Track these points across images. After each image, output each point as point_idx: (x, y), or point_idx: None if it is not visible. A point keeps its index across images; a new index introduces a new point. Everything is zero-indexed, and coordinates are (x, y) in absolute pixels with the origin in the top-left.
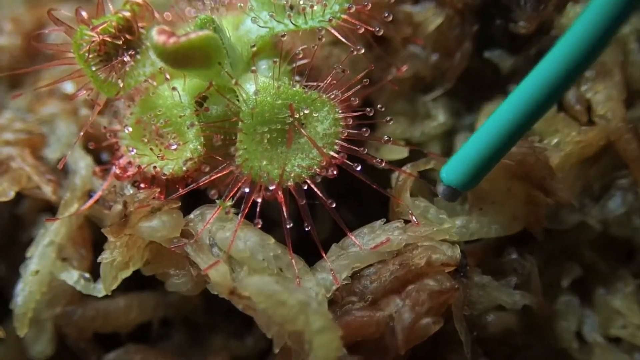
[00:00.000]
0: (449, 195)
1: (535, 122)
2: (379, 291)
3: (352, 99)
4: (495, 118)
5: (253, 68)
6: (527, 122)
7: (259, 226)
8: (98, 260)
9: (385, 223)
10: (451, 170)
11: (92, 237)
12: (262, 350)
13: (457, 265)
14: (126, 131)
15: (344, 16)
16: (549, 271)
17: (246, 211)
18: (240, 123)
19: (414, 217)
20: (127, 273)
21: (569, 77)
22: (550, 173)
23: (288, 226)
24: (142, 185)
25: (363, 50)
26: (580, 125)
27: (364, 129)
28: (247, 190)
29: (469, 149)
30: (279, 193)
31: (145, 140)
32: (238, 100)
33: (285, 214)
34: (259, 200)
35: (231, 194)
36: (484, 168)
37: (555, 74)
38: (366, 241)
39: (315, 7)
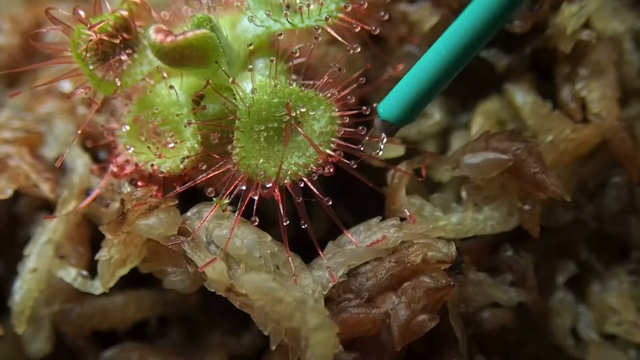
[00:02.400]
0: (385, 130)
1: (470, 58)
2: (375, 288)
3: (349, 97)
4: (430, 53)
5: (250, 67)
6: (462, 57)
7: (256, 224)
8: (95, 258)
9: (381, 221)
10: (388, 105)
11: (89, 235)
12: (259, 347)
13: (452, 263)
14: (123, 129)
15: (340, 15)
16: (544, 268)
17: (243, 209)
18: (237, 121)
19: (409, 214)
20: (124, 271)
21: (504, 11)
22: (542, 167)
23: (285, 224)
24: (139, 183)
25: (359, 49)
26: (575, 123)
27: (360, 127)
28: (243, 188)
29: (405, 84)
30: (276, 191)
31: (143, 138)
32: (235, 99)
33: (282, 211)
34: (256, 198)
35: (228, 192)
36: (418, 104)
37: (485, 14)
38: (362, 239)
39: (311, 6)
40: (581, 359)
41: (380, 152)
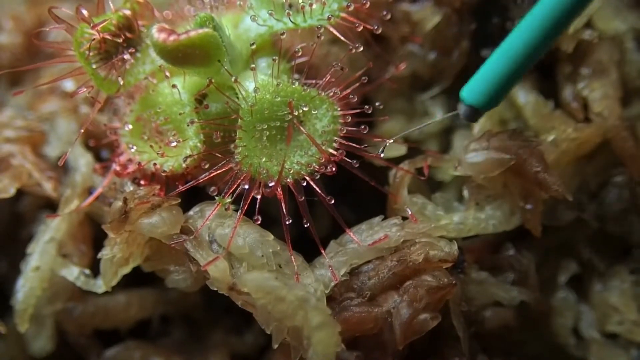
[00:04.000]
0: (470, 115)
1: (556, 37)
2: (377, 287)
3: (351, 96)
4: (514, 35)
5: (252, 66)
6: (547, 38)
7: (259, 222)
8: (98, 257)
9: (383, 220)
10: (471, 90)
11: (92, 233)
12: (261, 346)
13: (454, 262)
14: (126, 128)
15: (342, 14)
16: (545, 267)
17: (246, 208)
18: (239, 120)
19: (411, 213)
20: (127, 269)
21: None
22: (544, 167)
23: (287, 222)
24: (142, 182)
25: (361, 48)
26: (577, 123)
27: (363, 127)
28: (246, 186)
29: (489, 67)
30: (278, 190)
31: (145, 137)
32: (237, 98)
33: (284, 210)
34: (259, 196)
35: (230, 191)
36: (504, 86)
37: None
38: (364, 238)
39: (314, 6)
40: (583, 358)
41: (382, 154)
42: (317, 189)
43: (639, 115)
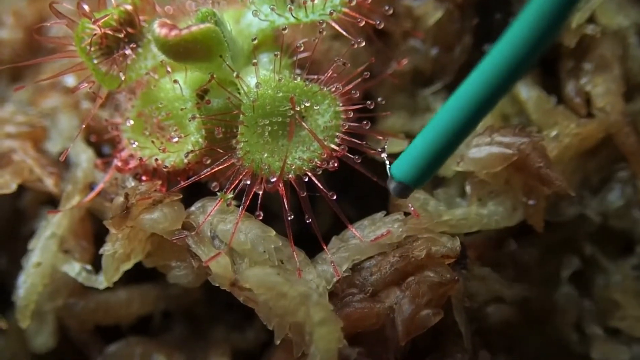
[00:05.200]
0: (400, 192)
1: (484, 116)
2: (379, 283)
3: (353, 92)
4: (442, 114)
5: (254, 61)
6: (475, 117)
7: (260, 218)
8: (100, 252)
9: (385, 215)
10: (401, 167)
11: (93, 229)
12: (263, 342)
13: (457, 257)
14: (128, 124)
15: (344, 9)
16: (548, 263)
17: (247, 203)
18: (241, 116)
19: (413, 209)
20: (128, 265)
21: (516, 72)
22: (547, 162)
23: (289, 218)
24: (143, 177)
25: (363, 44)
26: (579, 118)
27: (365, 122)
28: (248, 182)
29: (418, 145)
30: (280, 185)
31: (147, 133)
32: (239, 93)
33: (286, 206)
34: (260, 192)
35: (232, 186)
36: (433, 164)
37: (501, 67)
38: (366, 233)
39: (316, 1)
40: (585, 353)
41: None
42: (319, 185)
43: None
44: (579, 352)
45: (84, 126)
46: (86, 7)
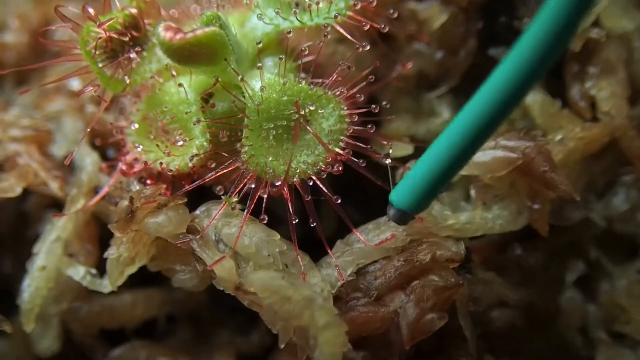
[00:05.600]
0: (400, 219)
1: (482, 144)
2: (384, 287)
3: (358, 95)
4: (440, 142)
5: (259, 65)
6: (474, 145)
7: (265, 222)
8: (104, 256)
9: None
10: (401, 194)
11: (98, 233)
12: (267, 346)
13: (461, 261)
14: (132, 127)
15: (349, 13)
16: (553, 267)
17: (252, 207)
18: (246, 119)
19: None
20: (133, 269)
21: (516, 97)
22: (551, 166)
23: (294, 222)
24: (148, 181)
25: (368, 47)
26: (584, 122)
27: (369, 126)
28: (252, 186)
29: (417, 172)
30: (285, 189)
31: (152, 136)
32: (244, 97)
33: (290, 209)
34: (265, 196)
35: (237, 190)
36: (432, 191)
37: (502, 92)
38: (371, 237)
39: (320, 4)
40: (590, 358)
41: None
42: (324, 188)
43: None
44: (584, 357)
45: (88, 130)
46: (91, 10)
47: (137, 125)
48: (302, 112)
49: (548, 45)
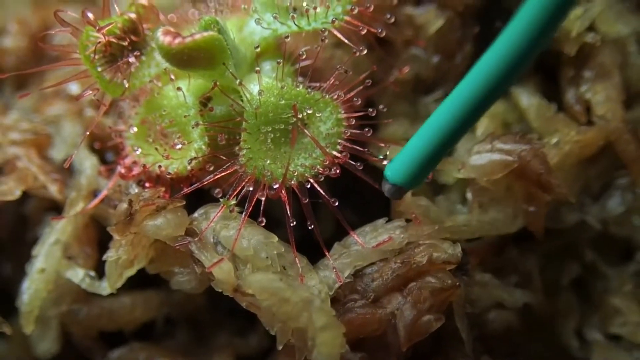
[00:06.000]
0: (394, 193)
1: (477, 119)
2: (381, 289)
3: (355, 99)
4: (436, 116)
5: (257, 69)
6: (469, 119)
7: (263, 224)
8: (103, 259)
9: (387, 222)
10: (395, 169)
11: (97, 235)
12: (265, 348)
13: (458, 263)
14: (131, 131)
15: (346, 18)
16: (549, 269)
17: (250, 209)
18: (244, 123)
19: (415, 216)
20: (132, 271)
21: (508, 76)
22: (547, 169)
23: (291, 224)
24: (147, 184)
25: (365, 52)
26: (580, 126)
27: (367, 129)
28: (250, 189)
29: (412, 147)
30: (282, 192)
31: (150, 140)
32: (242, 101)
33: (288, 212)
34: (263, 198)
35: (235, 193)
36: (427, 166)
37: (495, 68)
38: (368, 240)
39: (318, 9)
40: (586, 359)
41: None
42: (321, 191)
43: None
44: (580, 358)
45: (88, 133)
46: (90, 15)
47: (135, 129)
48: (300, 116)
49: (543, 17)
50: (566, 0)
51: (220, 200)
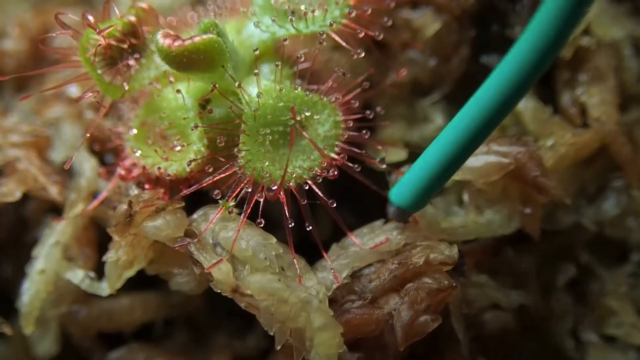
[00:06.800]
0: (399, 216)
1: (480, 143)
2: (378, 290)
3: (352, 101)
4: (438, 143)
5: (255, 71)
6: (472, 143)
7: (262, 225)
8: (103, 259)
9: (384, 223)
10: (400, 192)
11: (97, 237)
12: (264, 349)
13: (454, 264)
14: (131, 133)
15: (344, 21)
16: (544, 271)
17: (249, 211)
18: (243, 125)
19: (412, 217)
20: (131, 272)
21: (509, 102)
22: (543, 171)
23: (290, 226)
24: (146, 186)
25: (363, 54)
26: (575, 128)
27: (364, 131)
28: (249, 190)
29: (416, 171)
30: (281, 193)
31: (150, 142)
32: (241, 103)
33: (287, 213)
34: (262, 200)
35: (234, 194)
36: (431, 189)
37: (497, 97)
38: (366, 241)
39: (316, 12)
40: None
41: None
42: (319, 193)
43: (636, 121)
44: (575, 359)
45: (87, 135)
46: (91, 18)
47: (135, 131)
48: (298, 118)
49: (541, 53)
50: (578, 11)
51: (219, 201)
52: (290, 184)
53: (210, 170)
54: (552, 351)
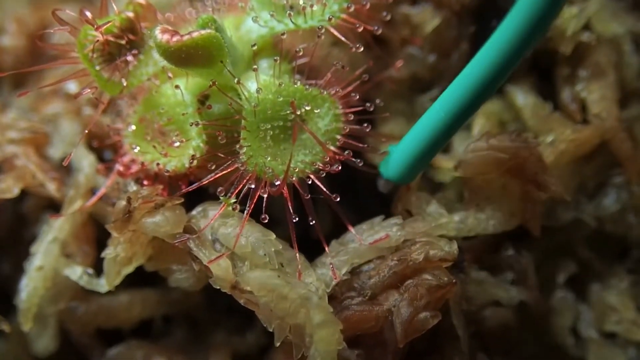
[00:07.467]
0: (387, 188)
1: (469, 117)
2: (378, 286)
3: (352, 94)
4: (427, 116)
5: (254, 67)
6: (461, 116)
7: (266, 221)
8: (102, 256)
9: (384, 219)
10: (389, 165)
11: (95, 233)
12: (263, 346)
13: (454, 261)
14: (129, 129)
15: (343, 16)
16: (544, 267)
17: (252, 207)
18: (243, 121)
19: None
20: (130, 269)
21: (500, 72)
22: (543, 167)
23: (294, 221)
24: (145, 182)
25: (362, 48)
26: (575, 124)
27: (365, 125)
28: (252, 186)
29: (405, 143)
30: (284, 188)
31: (148, 138)
32: (240, 99)
33: (290, 208)
34: (265, 195)
35: (237, 190)
36: (420, 162)
37: (486, 68)
38: (365, 237)
39: (314, 7)
40: (581, 357)
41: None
42: (322, 187)
43: (636, 117)
44: (576, 356)
45: (86, 132)
46: (89, 14)
47: (134, 127)
48: (298, 112)
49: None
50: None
51: (221, 198)
52: (293, 178)
53: (213, 167)
54: (552, 348)
